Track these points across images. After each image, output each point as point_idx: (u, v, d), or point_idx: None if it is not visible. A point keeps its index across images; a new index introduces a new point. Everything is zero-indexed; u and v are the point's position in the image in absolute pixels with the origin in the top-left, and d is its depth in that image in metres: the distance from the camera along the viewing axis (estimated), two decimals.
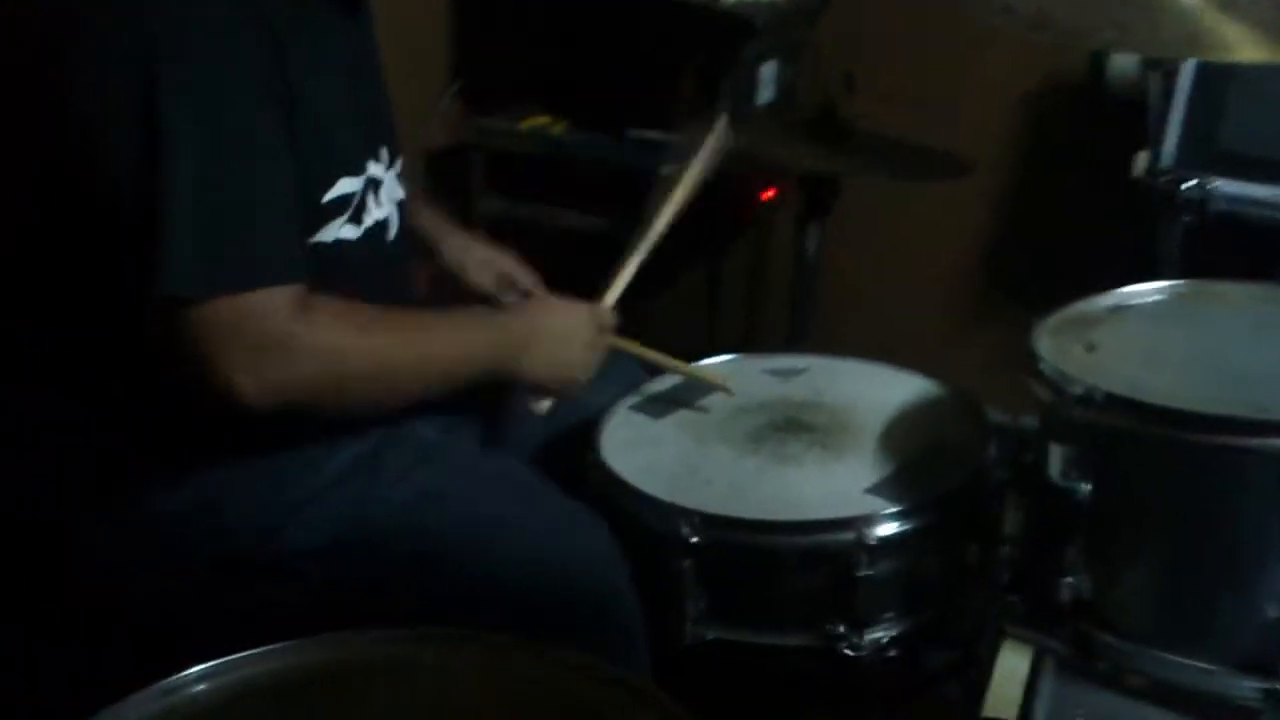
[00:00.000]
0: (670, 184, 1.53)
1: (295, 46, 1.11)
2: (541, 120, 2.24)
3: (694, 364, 1.50)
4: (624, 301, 1.47)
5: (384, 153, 1.28)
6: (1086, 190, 2.03)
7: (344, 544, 1.18)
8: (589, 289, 2.26)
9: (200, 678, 0.94)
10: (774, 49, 2.25)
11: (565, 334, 1.31)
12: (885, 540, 1.20)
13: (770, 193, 2.21)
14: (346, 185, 1.19)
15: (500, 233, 2.36)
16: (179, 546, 1.17)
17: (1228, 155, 1.79)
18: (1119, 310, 1.28)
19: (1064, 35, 1.31)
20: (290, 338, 1.07)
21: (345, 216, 1.19)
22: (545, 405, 1.34)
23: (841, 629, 1.21)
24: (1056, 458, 1.13)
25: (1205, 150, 1.79)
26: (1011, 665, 1.12)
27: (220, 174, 1.05)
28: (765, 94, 2.27)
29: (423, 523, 1.19)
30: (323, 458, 1.20)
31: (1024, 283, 2.13)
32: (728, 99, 2.16)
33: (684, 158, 1.53)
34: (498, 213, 2.29)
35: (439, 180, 2.40)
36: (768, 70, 2.26)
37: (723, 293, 2.39)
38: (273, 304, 1.06)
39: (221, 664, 0.96)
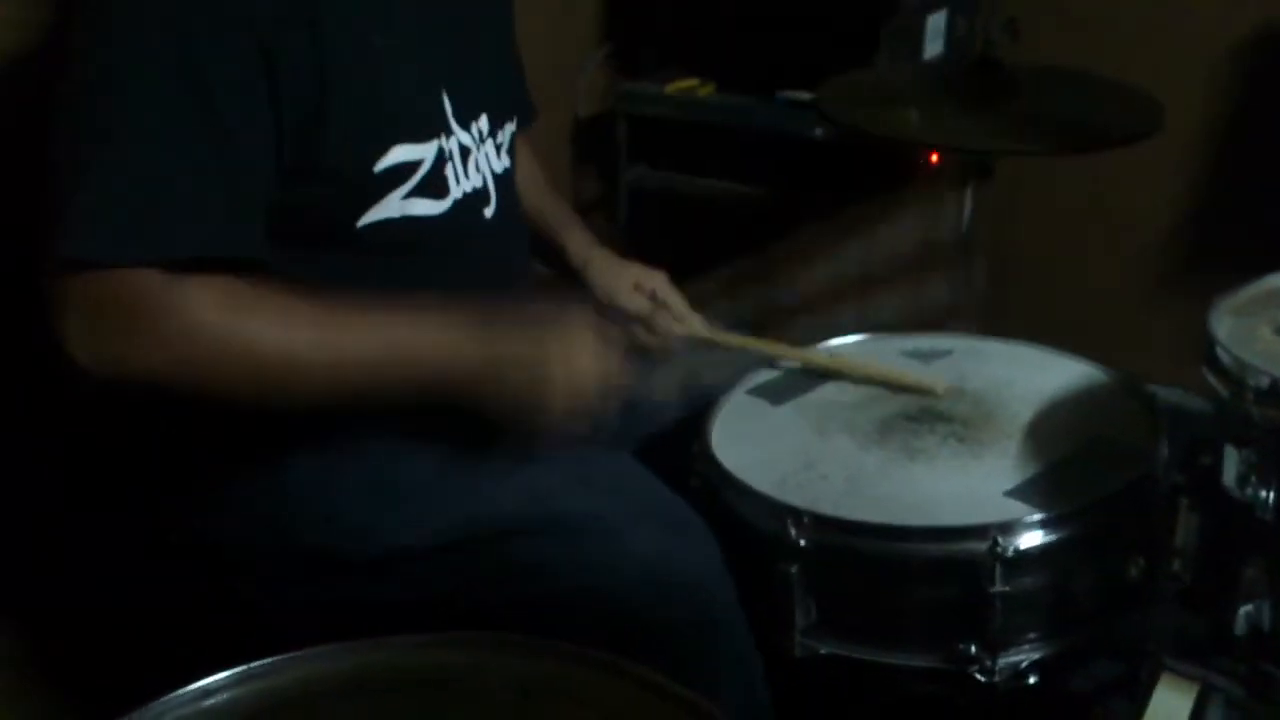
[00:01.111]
0: None
1: (335, 12, 1.01)
2: (689, 83, 2.12)
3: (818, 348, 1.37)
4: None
5: (482, 120, 1.18)
6: None
7: (444, 544, 1.09)
8: (741, 260, 2.12)
9: (243, 679, 0.89)
10: None
11: (560, 360, 1.08)
12: (1026, 553, 1.04)
13: (935, 156, 2.02)
14: (405, 153, 1.07)
15: (647, 203, 2.28)
16: (271, 538, 1.11)
17: None
18: None
19: None
20: (153, 304, 0.96)
21: (408, 189, 1.08)
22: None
23: (973, 650, 1.06)
24: (1233, 463, 0.95)
25: None
26: (1170, 704, 0.95)
27: (118, 143, 0.95)
28: (933, 48, 2.07)
29: (529, 528, 1.10)
30: (423, 447, 1.12)
31: (1219, 255, 1.88)
32: (888, 54, 1.99)
33: None
34: (644, 183, 2.19)
35: (585, 151, 2.31)
36: (935, 21, 2.06)
37: (886, 263, 2.22)
38: (141, 277, 0.95)
39: (264, 665, 0.90)
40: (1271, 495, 0.92)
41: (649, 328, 1.36)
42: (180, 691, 0.87)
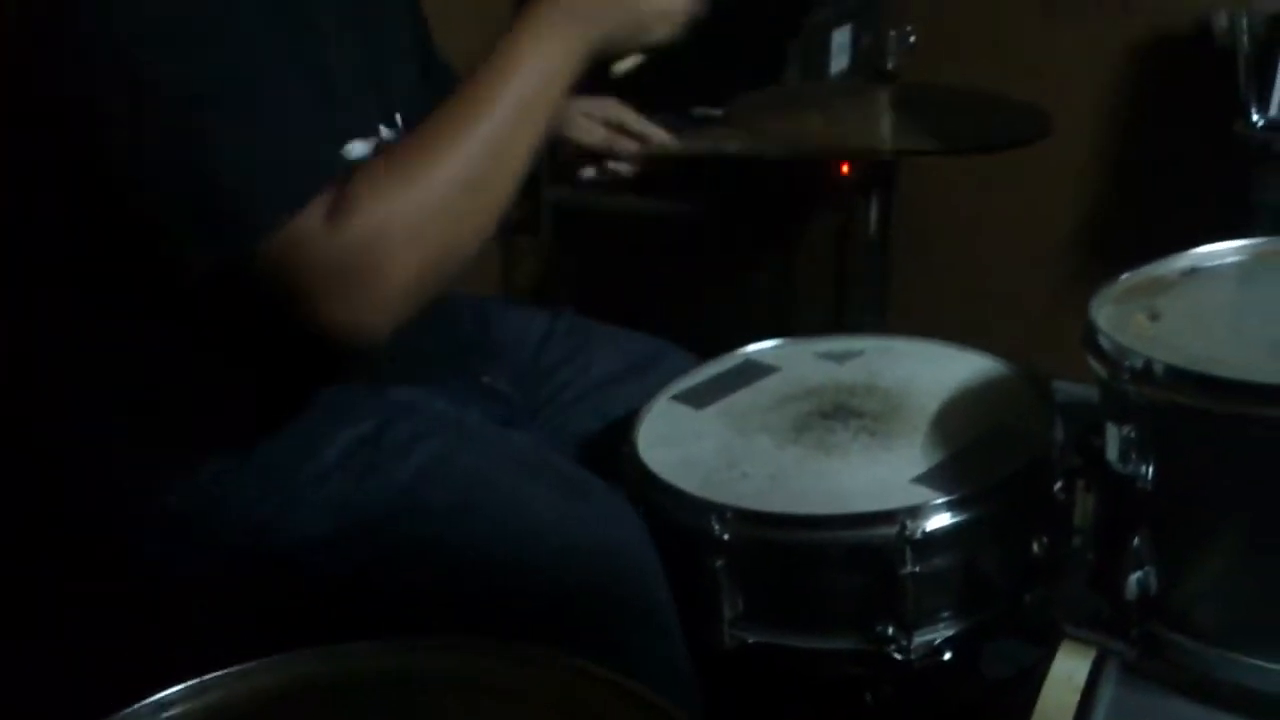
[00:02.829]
0: None
1: (306, 5, 1.06)
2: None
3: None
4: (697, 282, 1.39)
5: (399, 119, 1.22)
6: (1185, 148, 1.88)
7: (346, 530, 1.11)
8: (663, 276, 2.19)
9: (197, 691, 0.92)
10: (847, 14, 2.15)
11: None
12: (933, 534, 1.11)
13: (844, 168, 2.11)
14: (357, 149, 1.11)
15: (569, 222, 2.34)
16: (182, 543, 1.14)
17: None
18: (1193, 274, 1.15)
19: None
20: (331, 256, 0.96)
21: None
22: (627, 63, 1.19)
23: (889, 631, 1.12)
24: (1115, 439, 1.02)
25: None
26: (1068, 669, 1.02)
27: (254, 113, 0.97)
28: (839, 62, 2.17)
29: (428, 500, 1.12)
30: (323, 442, 1.14)
31: (1114, 248, 1.99)
32: (796, 69, 2.07)
33: None
34: (566, 202, 2.25)
35: None
36: (840, 37, 2.16)
37: (805, 274, 2.30)
38: (308, 228, 0.96)
39: (218, 677, 0.94)
40: (1150, 468, 0.99)
41: (613, 154, 1.37)
42: (136, 706, 0.90)
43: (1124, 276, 1.14)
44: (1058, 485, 1.19)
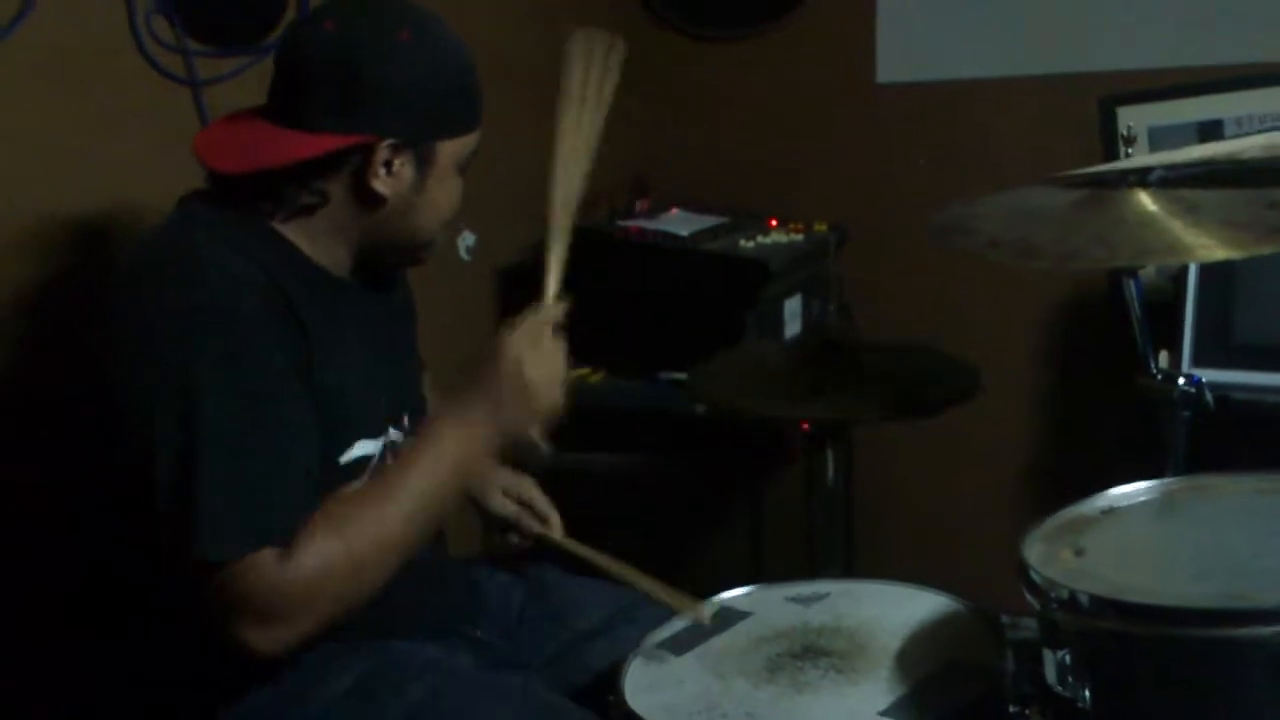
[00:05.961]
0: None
1: (321, 330, 1.25)
2: (581, 372, 2.36)
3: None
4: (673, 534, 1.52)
5: (406, 420, 1.39)
6: (1108, 394, 2.06)
7: None
8: (639, 529, 2.32)
9: None
10: (796, 286, 2.37)
11: (525, 375, 1.33)
12: None
13: (806, 423, 2.27)
14: (364, 448, 1.29)
15: (549, 479, 2.47)
16: None
17: (1240, 349, 1.83)
18: (1110, 512, 1.29)
19: (1054, 260, 1.37)
20: (280, 587, 1.15)
21: (365, 477, 1.29)
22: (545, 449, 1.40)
23: None
24: (1052, 664, 1.13)
25: (1217, 346, 1.83)
26: None
27: (245, 455, 1.16)
28: (792, 328, 2.37)
29: None
30: (314, 684, 1.26)
31: (1051, 489, 2.14)
32: (753, 336, 2.27)
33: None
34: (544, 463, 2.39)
35: None
36: (792, 306, 2.37)
37: (775, 521, 2.43)
38: (258, 562, 1.15)
39: None
40: (1087, 690, 1.11)
41: (517, 529, 1.54)
42: None
43: (1050, 518, 1.28)
44: (1013, 711, 1.29)
